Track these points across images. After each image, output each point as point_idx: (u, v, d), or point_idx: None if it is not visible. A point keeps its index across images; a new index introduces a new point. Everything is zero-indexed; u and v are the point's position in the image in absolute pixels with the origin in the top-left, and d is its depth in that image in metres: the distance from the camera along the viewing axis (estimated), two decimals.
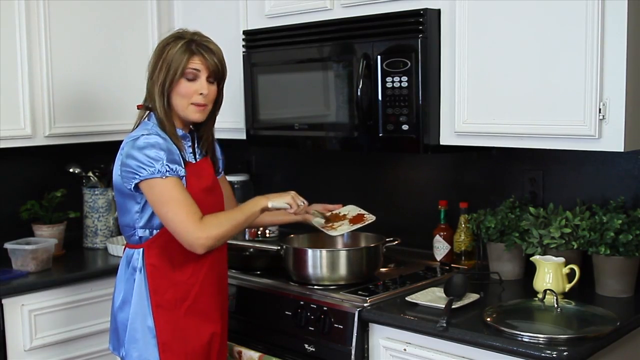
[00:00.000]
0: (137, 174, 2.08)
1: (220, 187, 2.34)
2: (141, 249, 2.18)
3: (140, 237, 2.18)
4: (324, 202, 2.55)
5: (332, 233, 2.43)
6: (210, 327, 2.22)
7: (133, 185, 2.10)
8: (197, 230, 2.07)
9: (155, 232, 2.17)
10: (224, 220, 2.15)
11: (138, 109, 2.26)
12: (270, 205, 2.24)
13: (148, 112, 2.22)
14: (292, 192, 2.30)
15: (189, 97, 2.17)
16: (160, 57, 2.16)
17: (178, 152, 2.15)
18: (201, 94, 2.17)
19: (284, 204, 2.27)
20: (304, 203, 2.31)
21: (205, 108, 2.20)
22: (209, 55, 2.17)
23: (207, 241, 2.08)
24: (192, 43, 2.16)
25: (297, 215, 2.36)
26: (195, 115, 2.19)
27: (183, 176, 2.13)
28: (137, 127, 2.22)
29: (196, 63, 2.16)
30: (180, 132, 2.22)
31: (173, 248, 2.16)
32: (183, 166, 2.14)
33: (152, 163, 2.06)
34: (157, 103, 2.16)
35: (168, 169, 2.07)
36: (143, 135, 2.11)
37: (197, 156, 2.26)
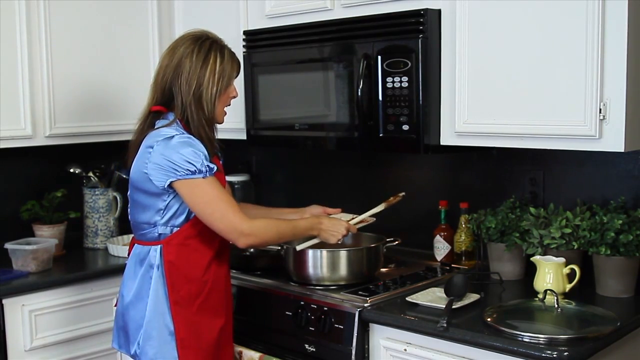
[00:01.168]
0: (175, 172, 2.10)
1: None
2: (159, 246, 2.20)
3: (160, 234, 2.20)
4: (325, 203, 2.57)
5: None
6: (219, 322, 2.25)
7: (167, 184, 2.12)
8: (245, 228, 2.13)
9: (175, 229, 2.19)
10: (272, 227, 2.23)
11: (152, 111, 2.24)
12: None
13: (161, 115, 2.22)
14: (344, 232, 2.37)
15: (227, 102, 2.27)
16: (207, 66, 2.18)
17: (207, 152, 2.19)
18: (234, 96, 2.28)
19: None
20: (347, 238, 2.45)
21: None
22: (239, 60, 2.29)
23: (249, 239, 2.16)
24: (230, 50, 2.26)
25: None
26: (223, 118, 2.30)
27: (214, 174, 2.16)
28: (153, 129, 2.19)
29: (236, 70, 2.28)
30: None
31: (189, 245, 2.20)
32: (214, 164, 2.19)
33: (192, 162, 2.10)
34: (206, 110, 2.19)
35: (208, 169, 2.12)
36: (176, 135, 2.13)
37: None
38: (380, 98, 2.49)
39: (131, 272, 2.26)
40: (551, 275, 2.26)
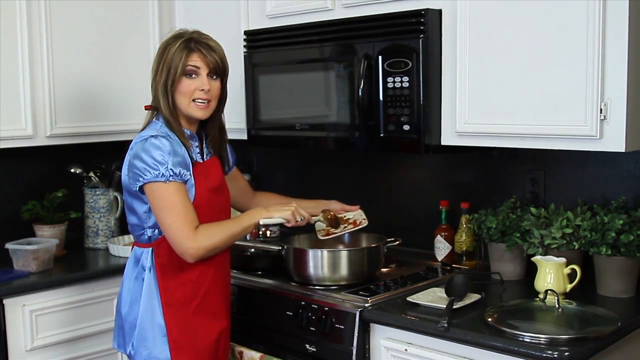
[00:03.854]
0: (142, 176, 2.10)
1: (227, 187, 2.34)
2: (150, 249, 2.20)
3: (150, 237, 2.20)
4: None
5: (321, 237, 2.46)
6: (218, 325, 2.25)
7: (138, 187, 2.12)
8: (189, 241, 2.09)
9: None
10: (219, 232, 2.17)
11: (146, 109, 2.27)
12: (261, 222, 2.22)
13: (155, 112, 2.24)
14: (294, 206, 2.28)
15: (190, 94, 2.19)
16: (161, 58, 2.19)
17: (186, 152, 2.16)
18: (202, 90, 2.19)
19: (279, 220, 2.26)
20: (302, 219, 2.28)
21: (209, 104, 2.23)
22: (207, 52, 2.20)
23: (197, 252, 2.11)
24: (191, 41, 2.19)
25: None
26: (199, 112, 2.22)
27: (187, 180, 2.14)
28: (145, 127, 2.22)
29: (195, 60, 2.19)
30: (187, 132, 2.24)
31: None
32: (190, 168, 2.15)
33: (156, 166, 2.08)
34: (162, 103, 2.19)
35: (172, 174, 2.09)
36: (151, 136, 2.12)
37: (204, 156, 2.27)
38: (381, 98, 2.49)
39: (128, 272, 2.27)
40: (552, 275, 2.26)
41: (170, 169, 2.09)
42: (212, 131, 2.31)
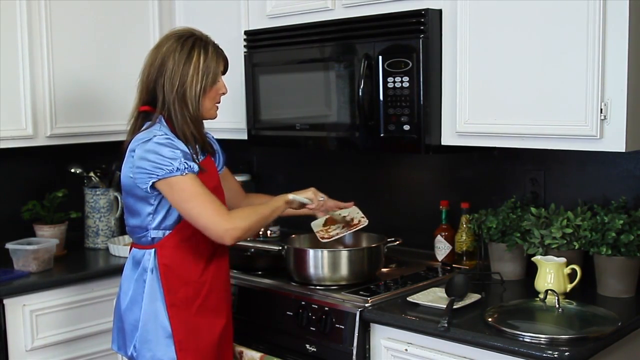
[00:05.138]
0: (154, 174, 2.09)
1: (222, 186, 2.35)
2: (153, 250, 2.19)
3: (153, 238, 2.20)
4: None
5: (322, 239, 2.46)
6: (220, 322, 2.25)
7: (149, 186, 2.11)
8: (227, 222, 2.10)
9: (167, 232, 2.19)
10: (251, 213, 2.20)
11: (140, 111, 2.24)
12: (291, 197, 2.31)
13: (157, 117, 2.20)
14: (313, 189, 2.39)
15: (216, 98, 2.25)
16: (190, 64, 2.16)
17: (189, 152, 2.17)
18: (223, 92, 2.26)
19: (305, 199, 2.34)
20: (323, 198, 2.40)
21: None
22: (225, 55, 2.27)
23: (235, 232, 2.11)
24: (215, 46, 2.24)
25: (316, 210, 2.43)
26: (215, 113, 2.28)
27: (197, 173, 2.14)
28: (140, 130, 2.19)
29: (222, 66, 2.25)
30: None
31: (184, 248, 2.19)
32: (197, 164, 2.16)
33: (169, 162, 2.08)
34: (189, 108, 2.17)
35: (186, 166, 2.10)
36: (155, 136, 2.12)
37: (199, 156, 2.27)
38: (381, 98, 2.49)
39: (127, 274, 2.27)
40: (552, 275, 2.26)
41: (185, 162, 2.10)
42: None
